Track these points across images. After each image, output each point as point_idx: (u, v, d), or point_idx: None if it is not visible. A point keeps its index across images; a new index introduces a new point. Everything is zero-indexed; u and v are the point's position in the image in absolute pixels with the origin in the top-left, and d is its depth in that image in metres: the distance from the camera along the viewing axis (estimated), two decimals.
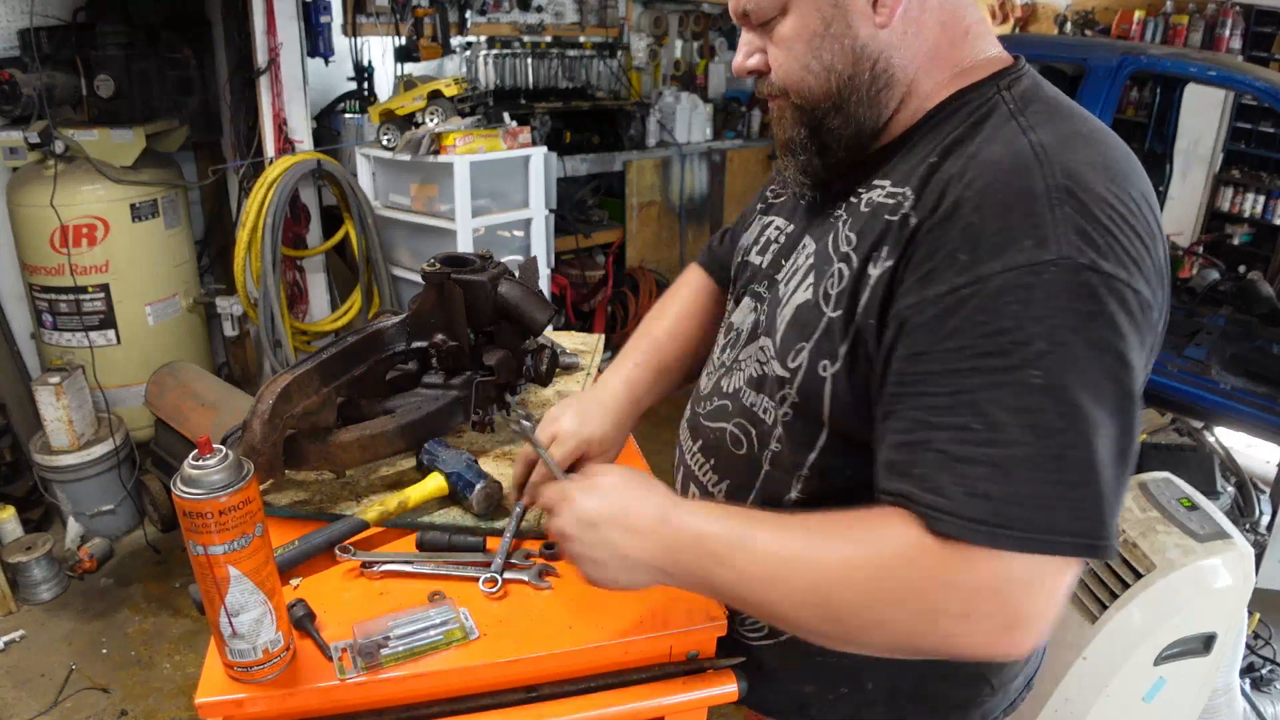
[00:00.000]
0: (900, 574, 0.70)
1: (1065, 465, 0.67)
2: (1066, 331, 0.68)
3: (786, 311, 0.91)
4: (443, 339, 1.27)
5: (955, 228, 0.73)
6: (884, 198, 0.84)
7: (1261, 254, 5.62)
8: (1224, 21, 5.35)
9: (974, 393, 0.69)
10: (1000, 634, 0.69)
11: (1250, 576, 1.79)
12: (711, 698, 0.95)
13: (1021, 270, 0.69)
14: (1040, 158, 0.74)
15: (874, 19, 0.82)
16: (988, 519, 0.67)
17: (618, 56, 4.82)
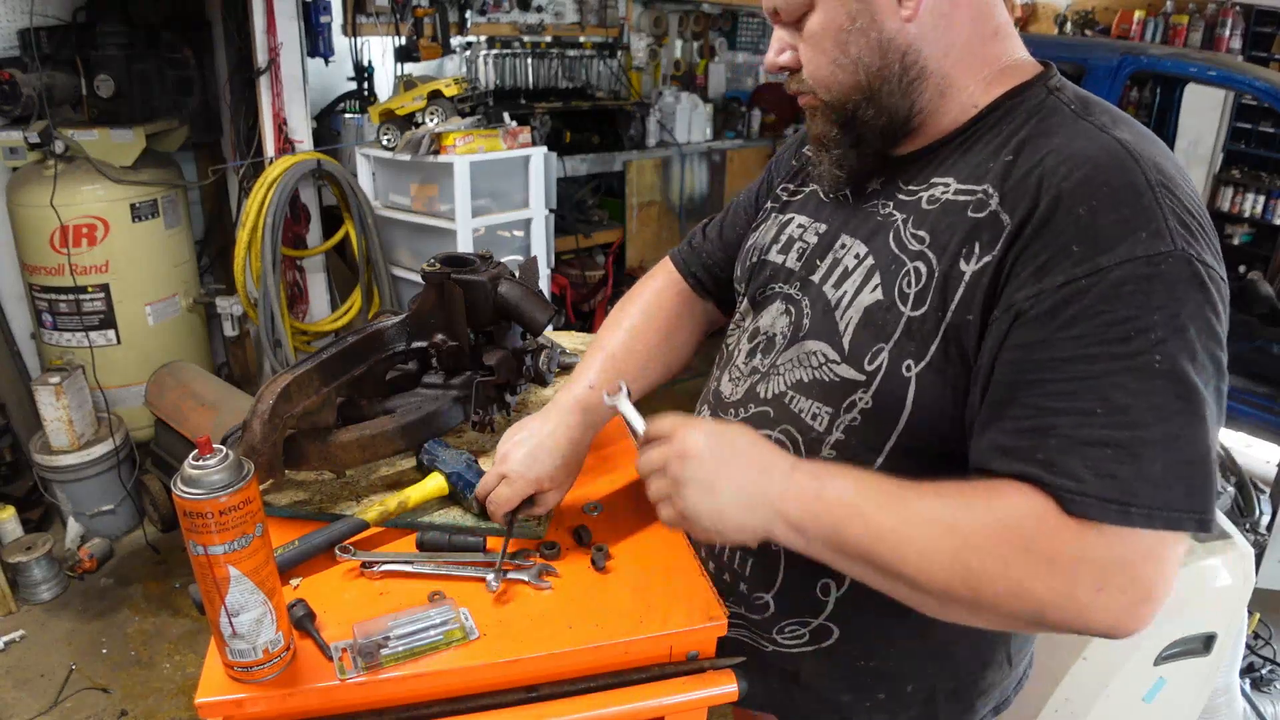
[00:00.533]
0: (1040, 545, 0.72)
1: (1183, 445, 0.71)
2: (1184, 319, 0.72)
3: (853, 314, 0.90)
4: (443, 339, 1.27)
5: (1066, 220, 0.76)
6: (956, 195, 0.85)
7: (1261, 254, 5.62)
8: (1224, 21, 5.35)
9: (1098, 378, 0.72)
10: (1132, 608, 0.71)
11: (1250, 576, 1.79)
12: (711, 698, 0.95)
13: (1140, 261, 0.72)
14: (1134, 154, 0.77)
15: (900, 13, 0.84)
16: (1118, 497, 0.70)
17: (618, 56, 4.82)
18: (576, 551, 1.08)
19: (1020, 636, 1.04)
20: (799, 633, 1.00)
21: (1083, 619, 0.72)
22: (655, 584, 1.03)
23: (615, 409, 0.96)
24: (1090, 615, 0.72)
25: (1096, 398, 0.72)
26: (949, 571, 0.75)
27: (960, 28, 0.86)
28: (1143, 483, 0.70)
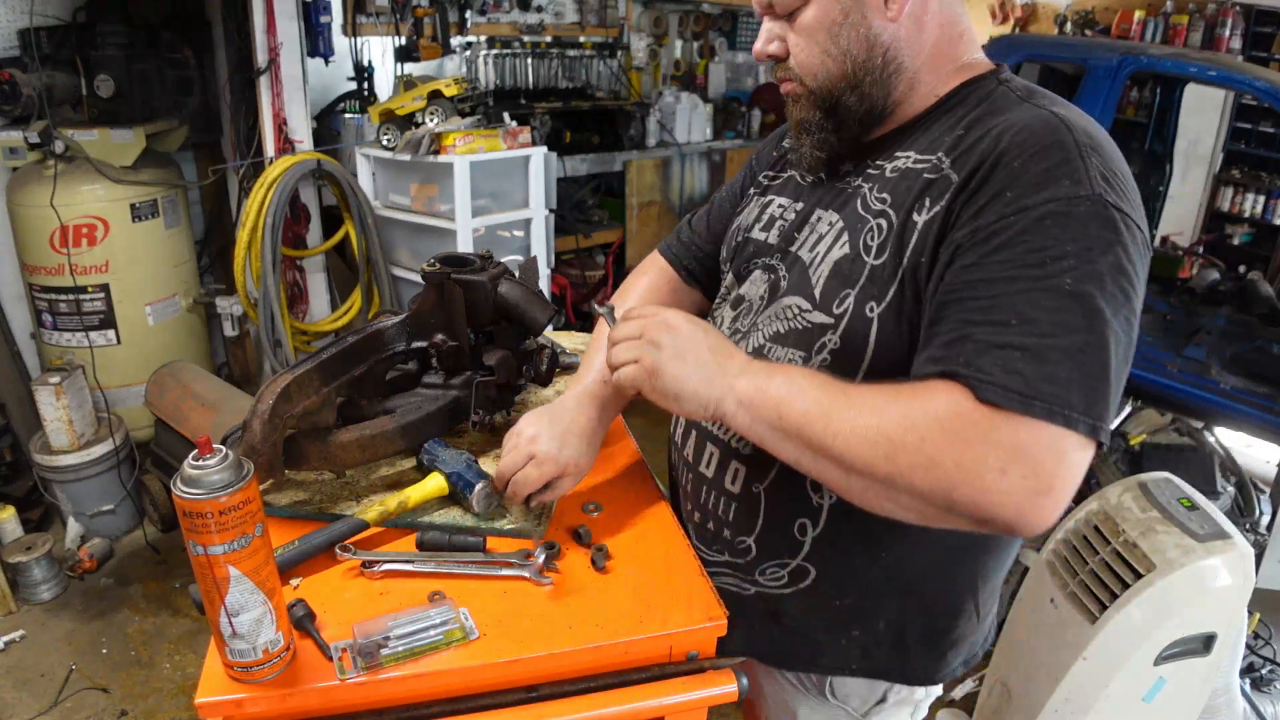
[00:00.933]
0: (952, 426, 0.80)
1: (1086, 358, 0.80)
2: (1094, 252, 0.82)
3: (824, 268, 1.00)
4: (443, 339, 1.27)
5: (1002, 172, 0.87)
6: (913, 164, 0.97)
7: (1261, 254, 5.62)
8: (1224, 21, 5.35)
9: (1014, 295, 0.82)
10: (1032, 496, 0.78)
11: (1250, 576, 1.78)
12: (711, 698, 0.95)
13: (1060, 201, 0.83)
14: (1066, 123, 0.89)
15: (885, 13, 0.96)
16: (1022, 390, 0.78)
17: (618, 56, 4.82)
18: (576, 551, 1.08)
19: (987, 589, 1.10)
20: (779, 574, 1.07)
21: (986, 499, 0.78)
22: (655, 584, 1.03)
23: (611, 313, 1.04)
24: (993, 497, 0.78)
25: (1011, 311, 0.81)
26: (872, 447, 0.83)
27: (931, 31, 0.98)
28: (1045, 382, 0.78)
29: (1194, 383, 3.07)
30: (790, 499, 1.02)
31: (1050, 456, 0.78)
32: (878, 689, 1.12)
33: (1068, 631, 1.87)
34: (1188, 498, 1.89)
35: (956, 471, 0.79)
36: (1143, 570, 1.76)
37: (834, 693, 1.13)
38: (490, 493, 1.13)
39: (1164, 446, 2.90)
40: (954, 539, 0.99)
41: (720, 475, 1.09)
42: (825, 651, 1.09)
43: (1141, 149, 4.52)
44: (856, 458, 0.84)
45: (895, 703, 1.13)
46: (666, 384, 0.93)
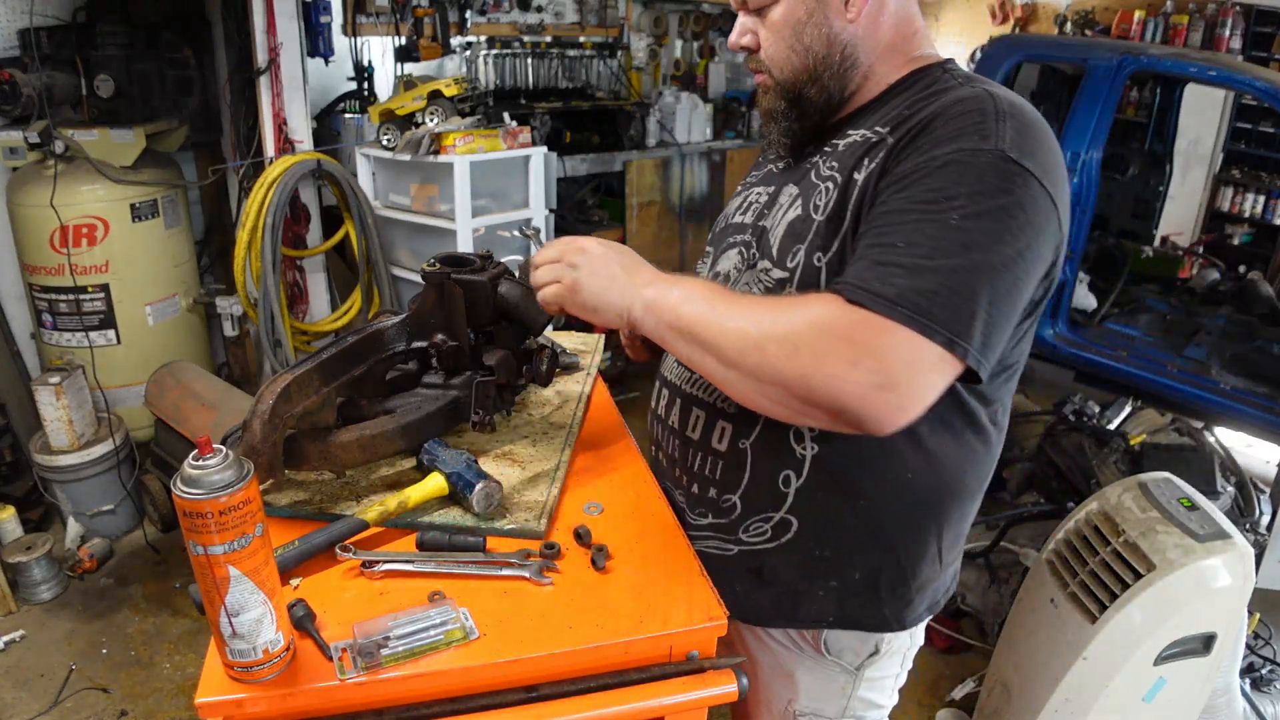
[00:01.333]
0: (819, 322, 0.89)
1: (957, 282, 0.87)
2: (984, 198, 0.90)
3: (780, 230, 1.11)
4: (443, 339, 1.27)
5: (926, 133, 0.97)
6: (859, 137, 1.07)
7: (1261, 254, 5.62)
8: (1224, 21, 5.35)
9: (905, 225, 0.92)
10: (876, 390, 0.86)
11: (1250, 576, 1.79)
12: (711, 698, 0.95)
13: (964, 152, 0.92)
14: (992, 95, 0.99)
15: (845, 15, 1.07)
16: (891, 297, 0.87)
17: (618, 56, 4.82)
18: (576, 551, 1.08)
19: (950, 535, 1.17)
20: (762, 529, 1.14)
21: (837, 387, 0.86)
22: (655, 584, 1.03)
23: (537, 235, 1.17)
24: (843, 386, 0.86)
25: (901, 237, 0.91)
26: (746, 339, 0.92)
27: (886, 30, 1.10)
28: (913, 293, 0.86)
29: (1194, 383, 3.07)
30: (775, 452, 1.09)
31: (899, 356, 0.86)
32: (869, 642, 1.19)
33: (1068, 631, 1.87)
34: (1188, 498, 1.90)
35: (812, 360, 0.87)
36: (1143, 570, 1.76)
37: (828, 648, 1.19)
38: (490, 492, 1.13)
39: (1164, 446, 2.90)
40: (923, 487, 1.08)
41: (707, 436, 1.16)
42: (804, 603, 1.16)
43: (1141, 149, 4.52)
44: (732, 348, 0.93)
45: (886, 654, 1.20)
46: (585, 298, 1.04)
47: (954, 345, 0.86)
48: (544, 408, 1.46)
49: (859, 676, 1.21)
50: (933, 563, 1.16)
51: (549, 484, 1.21)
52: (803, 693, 1.24)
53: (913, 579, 1.15)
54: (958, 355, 0.87)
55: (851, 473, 1.06)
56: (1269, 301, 3.54)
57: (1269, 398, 2.90)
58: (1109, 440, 3.04)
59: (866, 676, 1.21)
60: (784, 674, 1.24)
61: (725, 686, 0.95)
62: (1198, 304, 3.75)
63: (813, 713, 1.25)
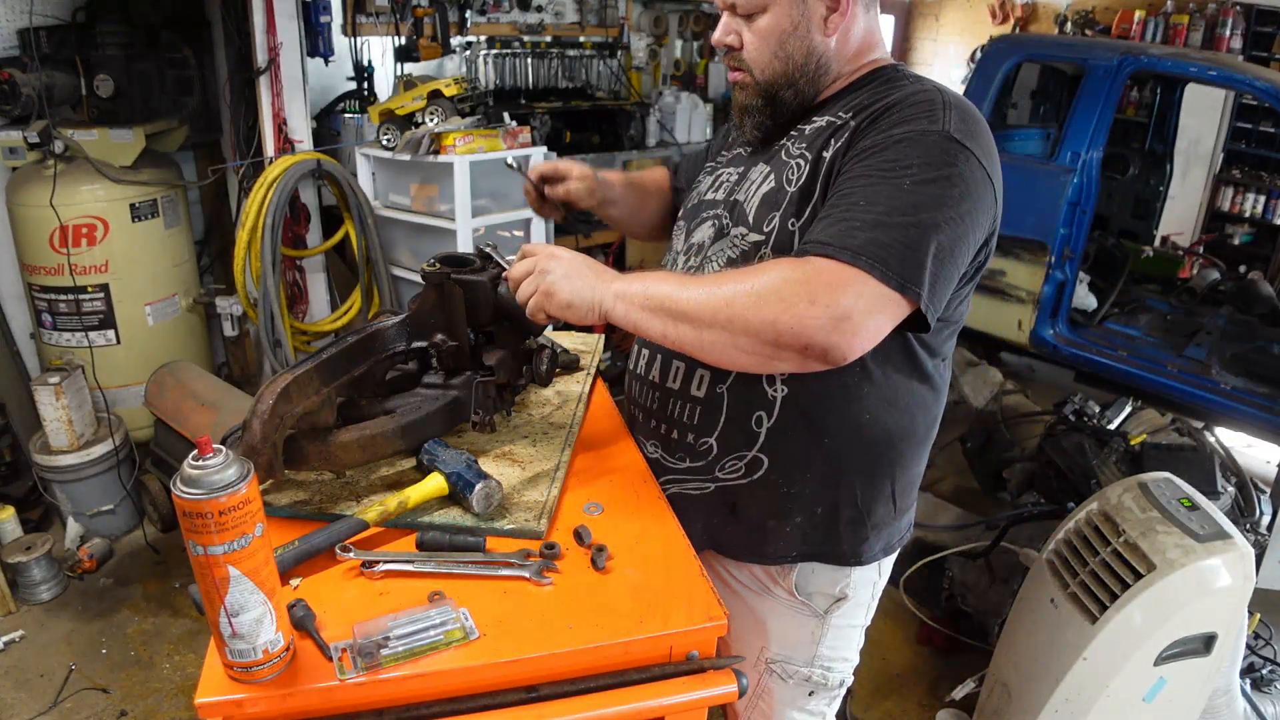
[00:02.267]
0: (778, 275, 1.03)
1: (909, 237, 1.02)
2: (932, 169, 1.05)
3: (755, 199, 1.24)
4: (443, 339, 1.27)
5: (885, 117, 1.12)
6: (824, 123, 1.21)
7: (1262, 254, 5.62)
8: (1224, 21, 5.35)
9: (864, 189, 1.06)
10: (834, 322, 0.99)
11: (1250, 576, 1.78)
12: (711, 698, 0.95)
13: (917, 132, 1.08)
14: (941, 90, 1.15)
15: (825, 31, 1.21)
16: (849, 247, 1.01)
17: (618, 56, 4.82)
18: (576, 551, 1.08)
19: (904, 479, 1.31)
20: (736, 466, 1.26)
21: (800, 324, 0.99)
22: (655, 584, 1.03)
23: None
24: (806, 322, 0.99)
25: (860, 198, 1.05)
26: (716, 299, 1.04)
27: (853, 43, 1.24)
28: (870, 244, 1.01)
29: (1194, 383, 3.07)
30: (749, 394, 1.22)
31: (853, 292, 1.00)
32: (836, 585, 1.31)
33: (1068, 631, 1.87)
34: (1188, 498, 1.90)
35: (778, 304, 1.00)
36: (1143, 570, 1.76)
37: (798, 589, 1.31)
38: (490, 492, 1.13)
39: (1164, 446, 2.90)
40: (879, 427, 1.23)
41: (687, 385, 1.27)
42: (772, 539, 1.28)
43: (1142, 149, 4.52)
44: (704, 310, 1.04)
45: (852, 601, 1.32)
46: (561, 298, 1.11)
47: (906, 289, 1.01)
48: (544, 408, 1.46)
49: (826, 622, 1.33)
50: (887, 504, 1.30)
51: (549, 484, 1.21)
52: (774, 639, 1.35)
53: (869, 516, 1.28)
54: (910, 299, 1.02)
55: (816, 411, 1.21)
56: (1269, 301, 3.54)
57: (1269, 398, 2.90)
58: (1109, 440, 3.04)
59: (833, 624, 1.33)
60: (756, 621, 1.35)
61: (725, 686, 0.95)
62: (1198, 304, 3.75)
63: (784, 659, 1.36)
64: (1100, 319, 3.65)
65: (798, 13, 1.19)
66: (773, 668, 1.36)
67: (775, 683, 1.37)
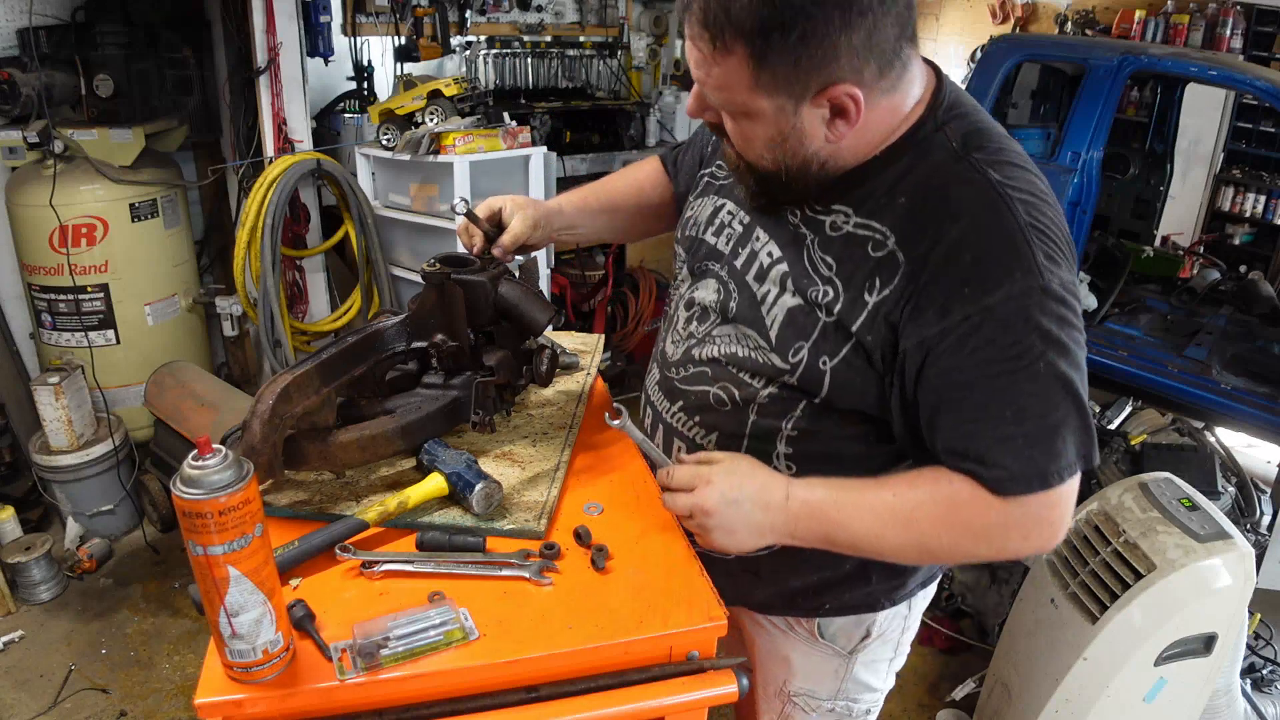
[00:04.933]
0: (977, 524, 0.99)
1: (1070, 421, 0.96)
2: (1054, 331, 0.95)
3: (777, 313, 1.09)
4: (443, 339, 1.27)
5: (956, 267, 0.95)
6: (856, 229, 1.03)
7: (1262, 254, 5.62)
8: (1225, 21, 5.34)
9: (1003, 391, 0.96)
10: (1049, 540, 1.01)
11: (1251, 577, 1.78)
12: (711, 698, 0.95)
13: (1017, 297, 0.94)
14: (1005, 199, 0.96)
15: (827, 138, 0.98)
16: (1036, 473, 0.96)
17: (618, 56, 4.82)
18: (576, 551, 1.08)
19: None
20: None
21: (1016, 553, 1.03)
22: (655, 584, 1.03)
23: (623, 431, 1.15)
24: (1018, 554, 1.04)
25: (1005, 404, 0.96)
26: (915, 553, 1.06)
27: (875, 126, 1.00)
28: (1049, 458, 0.96)
29: (1195, 383, 3.06)
30: None
31: (1059, 507, 0.98)
32: (862, 626, 1.26)
33: (1068, 631, 1.87)
34: (1188, 498, 1.90)
35: (987, 553, 1.02)
36: (1143, 570, 1.76)
37: (822, 633, 1.27)
38: (490, 493, 1.13)
39: (1164, 447, 2.90)
40: None
41: None
42: (799, 598, 1.23)
43: (1142, 149, 4.52)
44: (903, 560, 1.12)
45: (878, 637, 1.27)
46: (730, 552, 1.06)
47: (1089, 461, 0.99)
48: (544, 408, 1.46)
49: (852, 659, 1.28)
50: None
51: (549, 484, 1.21)
52: (797, 674, 1.30)
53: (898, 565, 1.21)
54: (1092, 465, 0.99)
55: None
56: (1269, 301, 3.53)
57: (1269, 398, 2.90)
58: (1109, 440, 3.04)
59: (860, 660, 1.28)
60: (779, 656, 1.31)
61: (725, 687, 0.95)
62: (1198, 304, 3.74)
63: (807, 693, 1.31)
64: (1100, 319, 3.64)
65: (787, 124, 0.97)
66: (795, 700, 1.32)
67: (798, 714, 1.33)
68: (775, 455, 1.13)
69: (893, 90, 0.98)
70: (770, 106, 0.95)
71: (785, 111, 0.95)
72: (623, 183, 1.51)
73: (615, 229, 1.55)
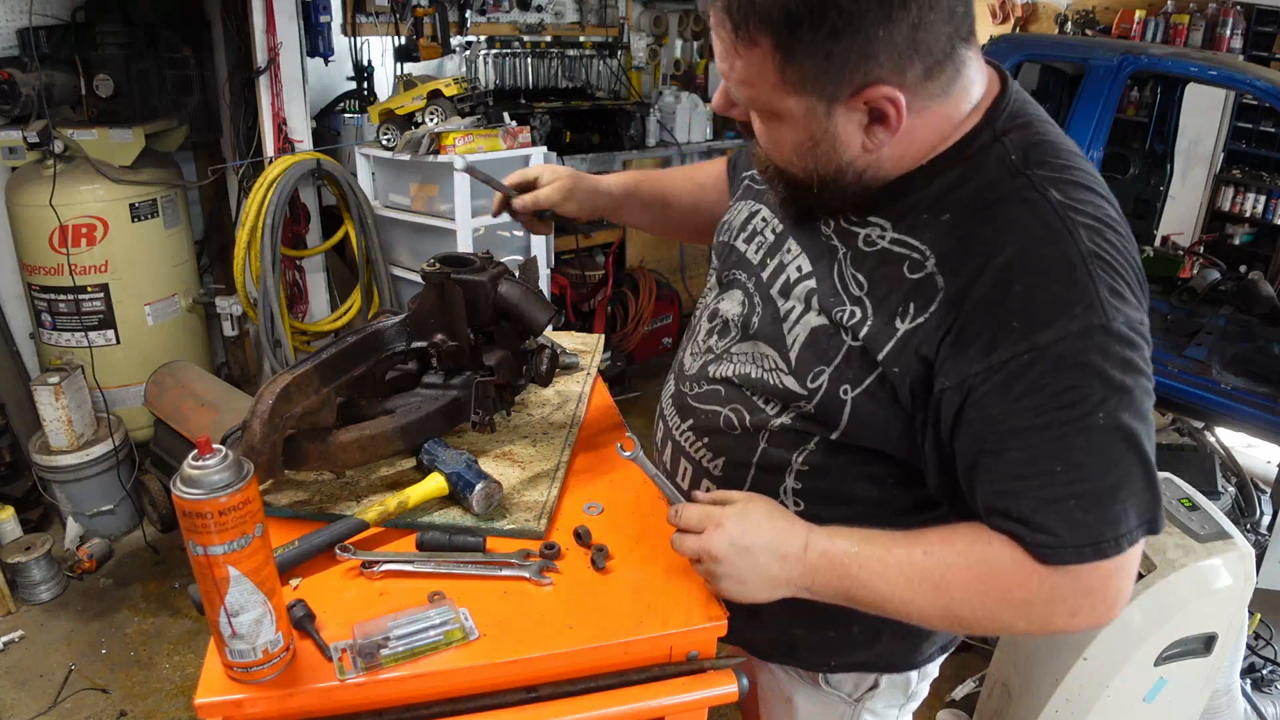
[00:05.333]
0: (1017, 595, 0.86)
1: (1133, 480, 0.83)
2: (1117, 377, 0.81)
3: (799, 331, 0.98)
4: (443, 339, 1.27)
5: (1005, 297, 0.82)
6: (892, 245, 0.91)
7: (1262, 254, 5.62)
8: (1224, 21, 5.35)
9: (1053, 443, 0.82)
10: (1103, 617, 0.87)
11: (1251, 577, 1.78)
12: (711, 698, 0.95)
13: (1075, 336, 0.80)
14: (1066, 223, 0.83)
15: (865, 147, 0.87)
16: (1090, 540, 0.83)
17: (618, 56, 4.82)
18: (576, 551, 1.08)
19: None
20: None
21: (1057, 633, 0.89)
22: (655, 584, 1.03)
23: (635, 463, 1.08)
24: (1065, 631, 0.88)
25: (1055, 459, 0.83)
26: (944, 620, 0.91)
27: (922, 139, 0.89)
28: (1106, 523, 0.82)
29: (1195, 383, 3.06)
30: None
31: (1115, 582, 0.85)
32: (869, 677, 1.16)
33: None
34: (1188, 498, 1.89)
35: (1028, 627, 0.89)
36: (1143, 570, 1.76)
37: (827, 680, 1.17)
38: (490, 493, 1.13)
39: (1164, 446, 2.90)
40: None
41: (694, 489, 1.12)
42: (802, 648, 1.14)
43: (1142, 149, 4.52)
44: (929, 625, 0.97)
45: (887, 687, 1.16)
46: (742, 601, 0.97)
47: (1154, 525, 0.85)
48: (544, 408, 1.46)
49: (859, 706, 1.17)
50: None
51: (549, 484, 1.21)
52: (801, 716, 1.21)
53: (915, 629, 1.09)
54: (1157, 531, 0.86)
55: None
56: (1270, 301, 3.53)
57: (1269, 398, 2.89)
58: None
59: (867, 706, 1.17)
60: (783, 698, 1.22)
61: (725, 687, 0.95)
62: (1198, 304, 3.74)
63: None
64: None
65: (819, 128, 0.86)
66: None
67: None
68: (783, 489, 1.04)
69: (943, 95, 0.86)
70: (799, 107, 0.85)
71: (816, 114, 0.85)
72: (681, 176, 1.43)
73: (666, 223, 1.45)
